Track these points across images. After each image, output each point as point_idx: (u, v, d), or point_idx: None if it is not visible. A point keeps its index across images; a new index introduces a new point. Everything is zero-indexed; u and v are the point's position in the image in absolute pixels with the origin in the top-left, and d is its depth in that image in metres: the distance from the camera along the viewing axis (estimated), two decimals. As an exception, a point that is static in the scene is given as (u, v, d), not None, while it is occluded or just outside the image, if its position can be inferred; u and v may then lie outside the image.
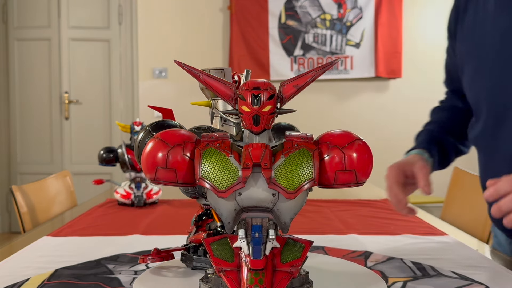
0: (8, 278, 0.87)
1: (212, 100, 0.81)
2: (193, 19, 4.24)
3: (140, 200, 1.63)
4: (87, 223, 1.39)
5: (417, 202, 3.26)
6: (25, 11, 4.39)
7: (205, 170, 0.62)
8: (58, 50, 4.39)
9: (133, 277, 0.86)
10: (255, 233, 0.63)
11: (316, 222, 1.39)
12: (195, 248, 0.83)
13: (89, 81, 4.42)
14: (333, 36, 4.21)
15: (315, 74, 0.63)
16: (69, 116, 4.41)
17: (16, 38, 4.42)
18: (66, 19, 4.38)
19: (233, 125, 0.80)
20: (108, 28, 4.38)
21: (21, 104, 4.45)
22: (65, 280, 0.85)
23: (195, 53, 4.22)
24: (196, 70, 0.64)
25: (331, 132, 0.66)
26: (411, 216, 1.08)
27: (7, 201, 4.42)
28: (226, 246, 0.66)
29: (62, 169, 4.22)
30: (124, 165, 1.73)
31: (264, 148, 0.61)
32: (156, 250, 0.85)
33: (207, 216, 0.90)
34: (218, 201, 0.63)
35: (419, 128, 1.26)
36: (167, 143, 0.64)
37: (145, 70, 4.27)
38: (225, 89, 0.63)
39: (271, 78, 4.11)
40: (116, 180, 2.79)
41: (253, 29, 4.17)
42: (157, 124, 0.77)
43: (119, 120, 4.31)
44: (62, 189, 2.03)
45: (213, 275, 0.68)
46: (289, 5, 4.18)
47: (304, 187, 0.62)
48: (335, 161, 0.64)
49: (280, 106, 0.63)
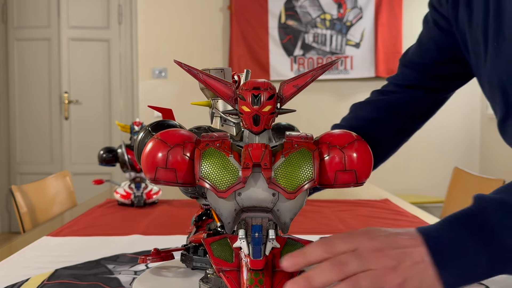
0: (8, 278, 0.87)
1: (212, 100, 0.81)
2: (193, 19, 4.24)
3: (140, 200, 1.63)
4: (87, 223, 1.39)
5: (417, 202, 3.26)
6: (25, 11, 4.39)
7: (205, 170, 0.62)
8: (58, 50, 4.39)
9: (133, 277, 0.86)
10: (255, 233, 0.63)
11: (316, 222, 1.39)
12: (195, 248, 0.83)
13: (89, 81, 4.42)
14: (333, 36, 4.21)
15: (315, 74, 0.63)
16: (69, 116, 4.41)
17: (16, 38, 4.42)
18: (66, 19, 4.38)
19: (233, 125, 0.80)
20: (108, 28, 4.38)
21: (21, 104, 4.45)
22: (65, 280, 0.85)
23: (195, 53, 4.22)
24: (196, 70, 0.64)
25: (331, 132, 0.66)
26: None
27: (7, 201, 4.42)
28: (226, 246, 0.66)
29: (62, 169, 4.23)
30: (124, 165, 1.72)
31: (264, 148, 0.61)
32: (156, 250, 0.85)
33: (207, 216, 0.90)
34: (218, 201, 0.63)
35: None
36: (167, 143, 0.64)
37: (145, 70, 4.27)
38: (225, 89, 0.63)
39: (271, 78, 4.12)
40: (116, 180, 2.79)
41: (253, 29, 4.17)
42: (157, 124, 0.77)
43: (119, 120, 4.31)
44: (62, 189, 2.03)
45: (213, 275, 0.68)
46: (289, 5, 4.18)
47: (304, 187, 0.62)
48: (335, 161, 0.64)
49: (280, 106, 0.63)
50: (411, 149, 4.21)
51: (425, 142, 4.17)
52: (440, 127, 4.15)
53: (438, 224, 0.61)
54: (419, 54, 1.04)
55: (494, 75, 0.83)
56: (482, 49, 0.85)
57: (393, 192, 2.09)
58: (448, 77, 1.04)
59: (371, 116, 1.02)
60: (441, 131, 4.19)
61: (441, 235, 0.60)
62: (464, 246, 0.58)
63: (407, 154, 4.25)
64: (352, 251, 0.59)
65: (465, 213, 0.62)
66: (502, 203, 0.60)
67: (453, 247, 0.58)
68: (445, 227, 0.61)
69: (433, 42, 1.00)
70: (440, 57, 1.01)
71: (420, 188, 4.24)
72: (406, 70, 1.06)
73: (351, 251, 0.59)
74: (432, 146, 4.25)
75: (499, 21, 0.80)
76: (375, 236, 0.61)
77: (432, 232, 0.60)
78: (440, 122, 4.16)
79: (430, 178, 4.23)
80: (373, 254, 0.58)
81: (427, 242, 0.59)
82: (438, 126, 4.15)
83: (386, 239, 0.60)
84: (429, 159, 4.28)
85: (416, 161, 4.23)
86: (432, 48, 1.01)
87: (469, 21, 0.88)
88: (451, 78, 1.04)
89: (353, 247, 0.59)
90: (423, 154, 4.24)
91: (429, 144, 4.21)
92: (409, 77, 1.05)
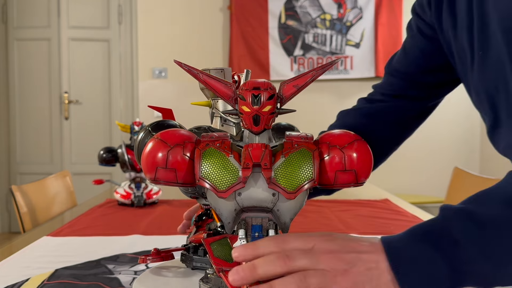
0: (8, 278, 0.87)
1: (212, 100, 0.81)
2: (193, 19, 4.24)
3: (140, 200, 1.63)
4: (87, 223, 1.39)
5: (417, 202, 3.26)
6: (25, 11, 4.39)
7: (205, 170, 0.62)
8: (58, 50, 4.39)
9: (133, 277, 0.86)
10: (255, 233, 0.63)
11: (316, 222, 1.39)
12: (195, 248, 0.83)
13: (89, 81, 4.42)
14: (333, 36, 4.21)
15: (315, 74, 0.63)
16: (69, 116, 4.41)
17: (16, 38, 4.42)
18: (66, 19, 4.38)
19: (233, 125, 0.80)
20: (108, 28, 4.38)
21: (21, 104, 4.45)
22: (65, 280, 0.85)
23: (195, 53, 4.22)
24: (196, 70, 0.64)
25: (331, 132, 0.66)
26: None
27: (7, 201, 4.42)
28: (226, 246, 0.66)
29: (62, 169, 4.23)
30: (124, 165, 1.72)
31: (264, 148, 0.61)
32: (156, 250, 0.85)
33: (207, 216, 0.90)
34: (218, 201, 0.63)
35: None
36: (167, 143, 0.64)
37: (145, 70, 4.27)
38: (225, 89, 0.63)
39: (271, 78, 4.12)
40: (116, 180, 2.79)
41: (253, 29, 4.17)
42: (157, 124, 0.77)
43: (119, 120, 4.31)
44: (62, 189, 2.03)
45: (213, 275, 0.68)
46: (289, 5, 4.18)
47: (304, 187, 0.62)
48: (335, 161, 0.64)
49: (280, 106, 0.63)
50: (411, 149, 4.21)
51: (425, 142, 4.17)
52: (440, 127, 4.16)
53: (402, 234, 0.60)
54: (405, 63, 1.01)
55: (481, 83, 0.81)
56: (469, 57, 0.83)
57: (393, 192, 2.09)
58: (436, 85, 1.01)
59: (359, 124, 1.00)
60: (441, 131, 4.19)
61: (402, 244, 0.58)
62: (424, 256, 0.57)
63: (407, 154, 4.25)
64: (306, 250, 0.59)
65: (429, 223, 0.61)
66: (468, 213, 0.59)
67: (412, 257, 0.57)
68: (407, 237, 0.59)
69: (419, 50, 0.98)
70: (426, 66, 0.98)
71: (420, 188, 4.24)
72: (393, 79, 1.03)
73: (304, 249, 0.59)
74: (432, 146, 4.25)
75: (483, 29, 0.78)
76: (332, 239, 0.60)
77: (393, 241, 0.59)
78: (440, 122, 4.16)
79: (430, 178, 4.23)
80: (326, 255, 0.58)
81: (387, 249, 0.58)
82: (438, 126, 4.15)
83: (342, 243, 0.59)
84: (429, 159, 4.28)
85: (416, 161, 4.23)
86: (418, 56, 0.98)
87: (453, 28, 0.86)
88: (439, 85, 1.01)
89: (307, 247, 0.59)
90: (423, 154, 4.24)
91: (429, 144, 4.21)
92: (395, 87, 1.02)
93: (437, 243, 0.57)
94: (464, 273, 0.56)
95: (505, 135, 0.80)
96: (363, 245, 0.59)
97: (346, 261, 0.57)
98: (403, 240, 0.59)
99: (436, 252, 0.57)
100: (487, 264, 0.56)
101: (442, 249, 0.57)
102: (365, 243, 0.60)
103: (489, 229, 0.57)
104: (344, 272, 0.57)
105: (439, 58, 0.94)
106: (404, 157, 4.20)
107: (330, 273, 0.57)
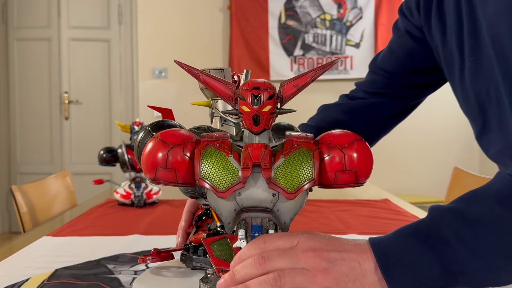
0: (8, 278, 0.87)
1: (212, 100, 0.81)
2: (193, 19, 4.24)
3: (140, 200, 1.63)
4: (87, 223, 1.39)
5: (417, 202, 3.26)
6: (25, 11, 4.39)
7: (205, 170, 0.62)
8: (58, 50, 4.39)
9: (133, 277, 0.86)
10: (255, 233, 0.63)
11: (316, 222, 1.39)
12: (195, 248, 0.83)
13: (89, 81, 4.42)
14: (333, 36, 4.21)
15: (315, 74, 0.63)
16: (69, 116, 4.41)
17: (16, 38, 4.42)
18: (66, 19, 4.38)
19: (233, 125, 0.80)
20: (108, 28, 4.38)
21: (21, 104, 4.45)
22: (65, 280, 0.85)
23: (195, 53, 4.22)
24: (196, 70, 0.64)
25: (331, 132, 0.66)
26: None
27: (7, 201, 4.42)
28: (226, 246, 0.66)
29: (62, 169, 4.23)
30: (124, 165, 1.72)
31: (264, 148, 0.61)
32: (156, 250, 0.85)
33: (207, 216, 0.90)
34: (218, 201, 0.63)
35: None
36: (167, 143, 0.64)
37: (145, 70, 4.27)
38: (225, 89, 0.63)
39: (271, 78, 4.12)
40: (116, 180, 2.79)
41: (253, 29, 4.17)
42: (157, 124, 0.77)
43: (119, 120, 4.31)
44: (62, 189, 2.03)
45: (213, 275, 0.68)
46: (289, 5, 4.18)
47: (304, 187, 0.62)
48: (335, 161, 0.64)
49: (280, 106, 0.63)
50: (411, 149, 4.21)
51: (425, 142, 4.16)
52: (440, 127, 4.15)
53: (391, 234, 0.60)
54: (391, 63, 1.01)
55: (471, 90, 0.81)
56: (458, 63, 0.82)
57: (393, 192, 2.09)
58: (421, 85, 1.01)
59: (338, 119, 1.01)
60: (441, 131, 4.19)
61: (391, 244, 0.58)
62: (413, 256, 0.56)
63: (407, 154, 4.26)
64: (286, 249, 0.58)
65: (418, 223, 0.60)
66: (457, 213, 0.58)
67: (401, 257, 0.56)
68: (396, 237, 0.59)
69: (406, 50, 0.98)
70: (412, 67, 0.98)
71: (420, 188, 4.24)
72: (376, 77, 1.03)
73: (285, 249, 0.58)
74: (432, 146, 4.25)
75: (474, 36, 0.77)
76: (315, 237, 0.59)
77: (382, 242, 0.59)
78: (440, 122, 4.17)
79: (430, 178, 4.23)
80: (306, 253, 0.57)
81: (375, 250, 0.57)
82: (438, 126, 4.15)
83: (326, 241, 0.59)
84: (429, 159, 4.28)
85: (416, 161, 4.23)
86: (405, 57, 0.98)
87: (442, 34, 0.85)
88: (423, 86, 1.01)
89: (290, 245, 0.59)
90: (423, 154, 4.24)
91: (429, 144, 4.21)
92: (378, 85, 1.03)
93: (426, 243, 0.57)
94: (455, 272, 0.56)
95: (495, 141, 0.80)
96: (347, 245, 0.59)
97: (327, 260, 0.57)
98: (392, 240, 0.59)
99: (426, 251, 0.56)
100: (477, 262, 0.56)
101: (432, 248, 0.56)
102: (349, 242, 0.60)
103: (478, 227, 0.57)
104: (324, 270, 0.56)
105: (426, 60, 0.94)
106: (404, 157, 4.20)
107: (310, 272, 0.56)
